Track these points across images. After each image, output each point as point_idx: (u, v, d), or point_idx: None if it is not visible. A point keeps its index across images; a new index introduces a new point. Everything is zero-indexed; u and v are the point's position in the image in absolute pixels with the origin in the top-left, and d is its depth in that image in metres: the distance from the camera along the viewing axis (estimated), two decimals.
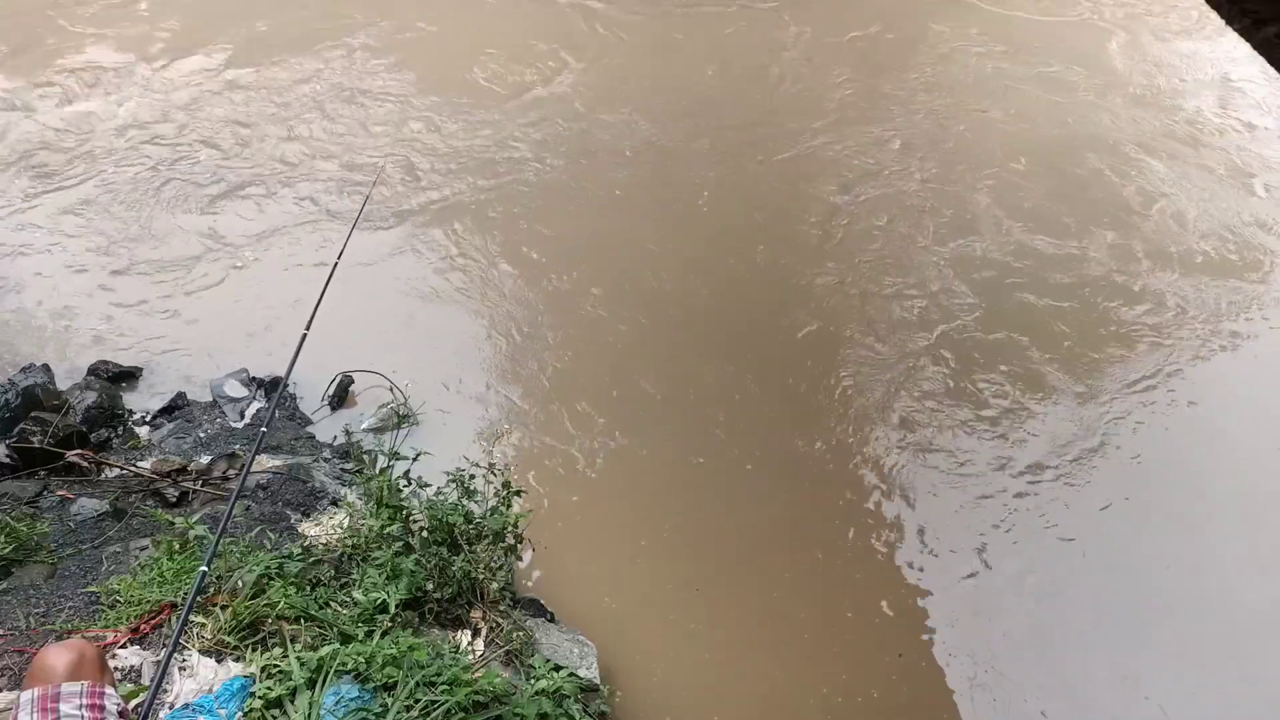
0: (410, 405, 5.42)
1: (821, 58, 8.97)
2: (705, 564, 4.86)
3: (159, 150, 7.44)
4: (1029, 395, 5.72)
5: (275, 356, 5.67)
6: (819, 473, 5.35)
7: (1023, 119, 8.22)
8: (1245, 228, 7.05)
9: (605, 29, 9.25)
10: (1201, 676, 4.53)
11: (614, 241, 6.84)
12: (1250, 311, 6.38)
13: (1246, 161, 7.72)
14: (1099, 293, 6.44)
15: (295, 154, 7.47)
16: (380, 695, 3.22)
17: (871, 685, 4.36)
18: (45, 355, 5.59)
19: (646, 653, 4.42)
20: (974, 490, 5.20)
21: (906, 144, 7.84)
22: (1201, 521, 5.14)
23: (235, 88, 8.22)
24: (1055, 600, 4.71)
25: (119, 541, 4.08)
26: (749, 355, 6.03)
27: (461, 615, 3.99)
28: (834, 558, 4.92)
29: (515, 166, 7.45)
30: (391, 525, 4.04)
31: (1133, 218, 7.09)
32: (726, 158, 7.67)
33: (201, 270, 6.36)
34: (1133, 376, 5.87)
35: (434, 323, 6.11)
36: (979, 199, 7.27)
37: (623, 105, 8.15)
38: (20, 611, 3.57)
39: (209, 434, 5.17)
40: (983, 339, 6.09)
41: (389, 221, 6.86)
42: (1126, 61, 9.03)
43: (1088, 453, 5.39)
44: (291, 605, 3.56)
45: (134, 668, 3.32)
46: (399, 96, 8.18)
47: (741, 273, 6.64)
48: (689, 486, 5.21)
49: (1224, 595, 4.79)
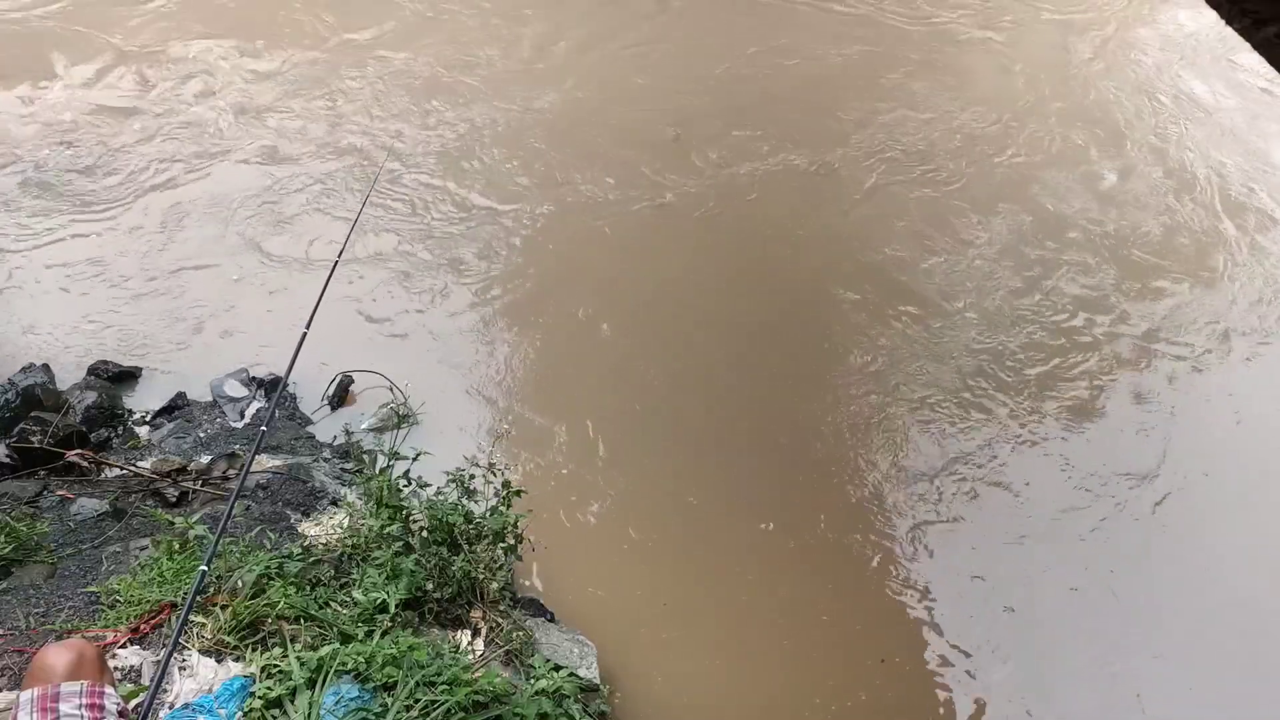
0: (410, 405, 5.42)
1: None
2: (705, 564, 4.86)
3: (158, 149, 7.43)
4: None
5: (275, 356, 5.66)
6: (820, 473, 5.34)
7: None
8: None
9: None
10: (1190, 678, 4.55)
11: (615, 241, 6.84)
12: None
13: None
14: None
15: (296, 151, 7.46)
16: (380, 695, 3.22)
17: (872, 685, 4.37)
18: (45, 355, 5.58)
19: (646, 653, 4.42)
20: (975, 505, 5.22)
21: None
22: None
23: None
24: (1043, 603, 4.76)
25: (119, 541, 4.08)
26: (754, 356, 6.03)
27: (461, 615, 3.99)
28: (835, 558, 4.92)
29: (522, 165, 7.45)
30: (391, 525, 4.04)
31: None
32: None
33: (202, 270, 6.35)
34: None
35: (434, 322, 6.10)
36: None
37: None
38: (20, 611, 3.57)
39: (209, 434, 5.17)
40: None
41: (390, 220, 6.85)
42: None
43: (1102, 522, 5.20)
44: (291, 605, 3.56)
45: (134, 668, 3.32)
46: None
47: (747, 277, 6.64)
48: (690, 487, 5.20)
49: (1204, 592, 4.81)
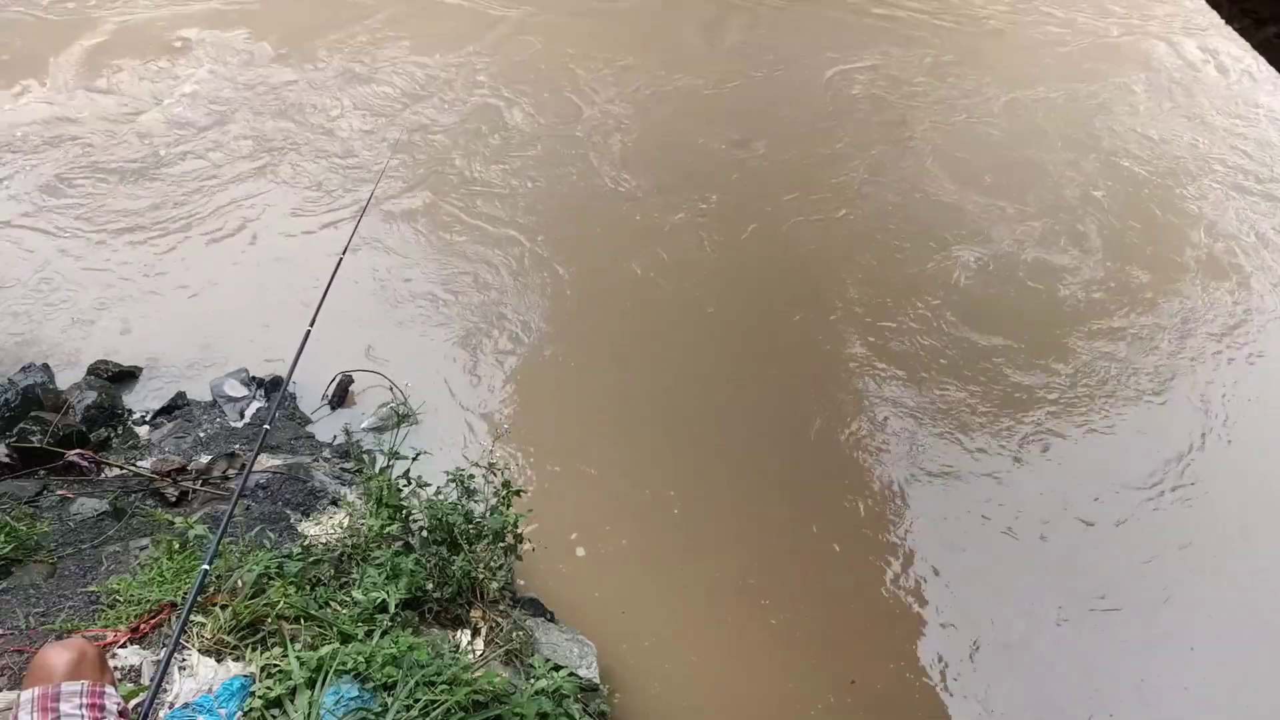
0: (410, 405, 5.42)
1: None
2: (706, 564, 4.86)
3: (156, 146, 7.44)
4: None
5: (275, 356, 5.66)
6: (820, 475, 5.35)
7: None
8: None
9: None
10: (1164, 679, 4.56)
11: (617, 241, 6.84)
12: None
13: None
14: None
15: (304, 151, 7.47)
16: (380, 695, 3.22)
17: (873, 685, 4.37)
18: (45, 355, 5.58)
19: (646, 653, 4.42)
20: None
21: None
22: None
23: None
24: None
25: (119, 541, 4.08)
26: (755, 346, 6.03)
27: (461, 615, 3.99)
28: (836, 559, 4.93)
29: (520, 164, 7.46)
30: (391, 525, 4.04)
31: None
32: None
33: (202, 269, 6.35)
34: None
35: (435, 322, 6.10)
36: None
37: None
38: (20, 611, 3.57)
39: (209, 434, 5.17)
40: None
41: (391, 219, 6.85)
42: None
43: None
44: (291, 605, 3.55)
45: (134, 667, 3.32)
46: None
47: (749, 270, 6.64)
48: (690, 487, 5.20)
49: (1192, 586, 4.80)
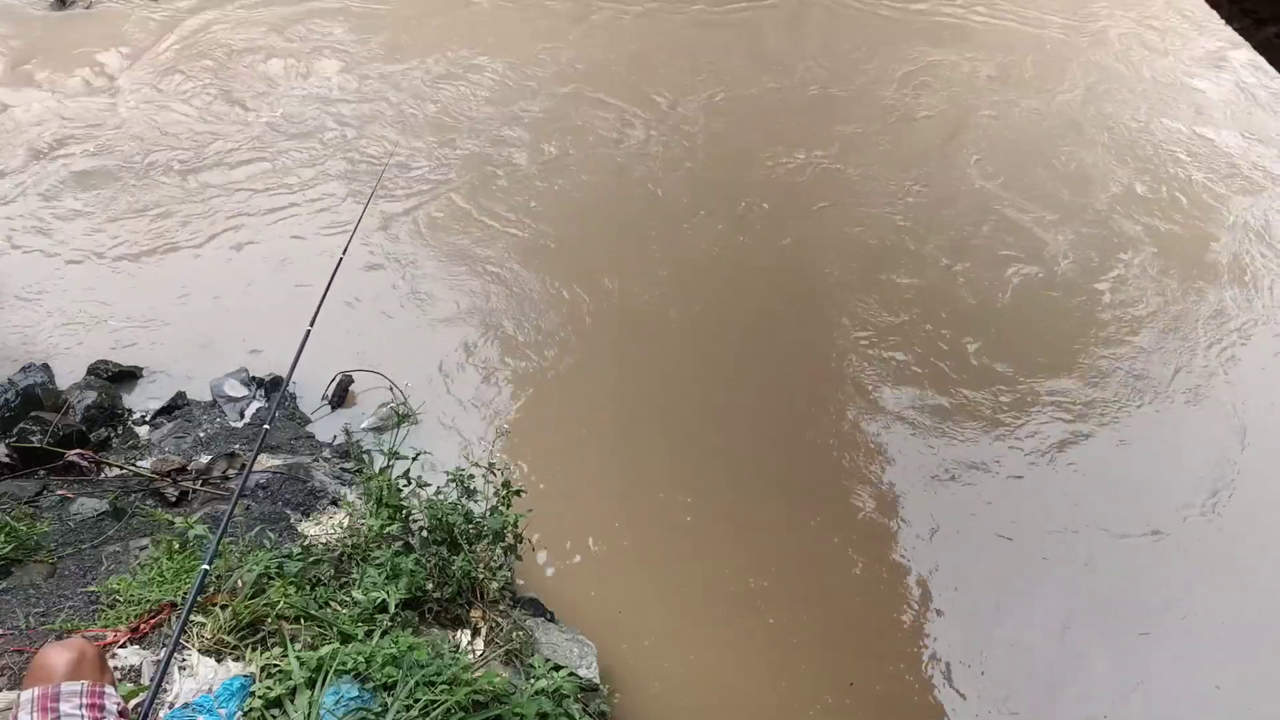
0: (410, 405, 5.42)
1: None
2: (705, 564, 4.85)
3: (146, 145, 7.44)
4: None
5: (275, 355, 5.66)
6: (820, 474, 5.34)
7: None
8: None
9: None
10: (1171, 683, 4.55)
11: (617, 242, 6.85)
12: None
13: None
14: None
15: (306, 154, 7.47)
16: (380, 695, 3.22)
17: (873, 685, 4.37)
18: (45, 355, 5.58)
19: (646, 652, 4.42)
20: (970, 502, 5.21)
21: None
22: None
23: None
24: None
25: (119, 541, 4.08)
26: (753, 346, 6.04)
27: (461, 615, 3.99)
28: (836, 560, 4.92)
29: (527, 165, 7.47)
30: (391, 525, 4.04)
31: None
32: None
33: (202, 269, 6.35)
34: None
35: (435, 322, 6.10)
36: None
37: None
38: (20, 611, 3.56)
39: (209, 434, 5.17)
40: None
41: (392, 218, 6.85)
42: None
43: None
44: (291, 605, 3.55)
45: (134, 667, 3.32)
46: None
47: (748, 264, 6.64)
48: (690, 487, 5.20)
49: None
